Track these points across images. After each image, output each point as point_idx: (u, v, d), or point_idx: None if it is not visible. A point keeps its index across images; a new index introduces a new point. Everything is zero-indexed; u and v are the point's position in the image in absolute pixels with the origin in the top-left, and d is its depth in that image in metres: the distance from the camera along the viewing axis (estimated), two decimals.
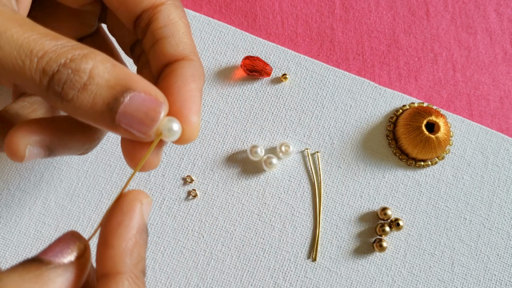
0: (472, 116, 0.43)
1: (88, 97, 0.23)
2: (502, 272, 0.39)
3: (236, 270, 0.39)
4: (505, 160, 0.42)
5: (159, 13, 0.28)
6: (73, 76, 0.22)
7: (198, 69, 0.28)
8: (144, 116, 0.23)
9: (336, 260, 0.39)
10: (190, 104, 0.26)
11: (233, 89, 0.43)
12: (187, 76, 0.27)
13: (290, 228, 0.40)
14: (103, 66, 0.23)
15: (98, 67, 0.23)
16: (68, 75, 0.22)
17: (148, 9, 0.28)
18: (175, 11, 0.28)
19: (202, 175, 0.41)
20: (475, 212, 0.40)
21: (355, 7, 0.46)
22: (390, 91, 0.43)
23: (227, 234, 0.39)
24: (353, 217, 0.40)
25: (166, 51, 0.28)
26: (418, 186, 0.41)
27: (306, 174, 0.41)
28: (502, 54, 0.45)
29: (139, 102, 0.23)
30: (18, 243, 0.38)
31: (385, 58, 0.45)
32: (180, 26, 0.28)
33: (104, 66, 0.23)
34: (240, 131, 0.42)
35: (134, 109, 0.23)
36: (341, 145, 0.42)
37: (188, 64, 0.28)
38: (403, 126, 0.41)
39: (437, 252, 0.40)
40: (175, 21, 0.28)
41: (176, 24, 0.28)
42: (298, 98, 0.43)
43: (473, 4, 0.47)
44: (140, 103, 0.23)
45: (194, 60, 0.28)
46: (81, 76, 0.22)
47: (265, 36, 0.45)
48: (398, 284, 0.39)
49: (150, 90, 0.24)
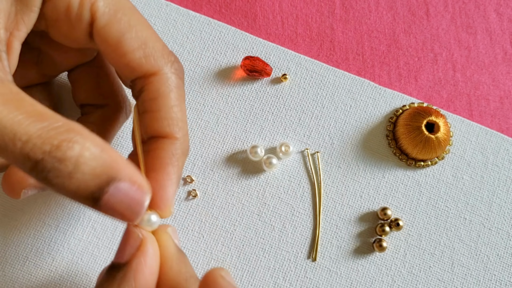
0: (472, 116, 0.43)
1: (73, 184, 0.22)
2: (502, 272, 0.39)
3: (236, 270, 0.39)
4: (505, 160, 0.42)
5: (150, 84, 0.28)
6: (58, 165, 0.22)
7: (181, 147, 0.28)
8: (127, 208, 0.23)
9: (336, 260, 0.39)
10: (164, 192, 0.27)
11: (233, 89, 0.43)
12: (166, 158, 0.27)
13: (290, 228, 0.40)
14: (89, 152, 0.22)
15: (85, 154, 0.22)
16: (53, 164, 0.21)
17: (140, 78, 0.28)
18: (166, 81, 0.28)
19: (202, 175, 0.41)
20: (475, 212, 0.40)
21: (355, 7, 0.46)
22: (390, 91, 0.43)
23: (227, 234, 0.39)
24: (353, 217, 0.40)
25: (151, 125, 0.28)
26: (418, 186, 0.41)
27: (306, 174, 0.41)
28: (502, 54, 0.45)
29: (123, 193, 0.23)
30: (18, 243, 0.39)
31: (385, 58, 0.45)
32: (169, 99, 0.28)
33: (91, 153, 0.22)
34: (240, 131, 0.42)
35: (118, 200, 0.23)
36: (341, 145, 0.42)
37: (170, 144, 0.28)
38: (403, 126, 0.41)
39: (437, 252, 0.40)
40: (165, 94, 0.28)
41: (165, 97, 0.28)
42: (298, 98, 0.43)
43: (473, 4, 0.47)
44: (124, 194, 0.23)
45: (178, 138, 0.28)
46: (66, 165, 0.22)
47: (265, 36, 0.45)
48: (398, 284, 0.39)
49: (135, 179, 0.23)
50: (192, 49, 0.43)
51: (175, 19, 0.44)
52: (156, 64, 0.28)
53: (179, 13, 0.44)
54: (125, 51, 0.27)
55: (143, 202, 0.24)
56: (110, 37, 0.27)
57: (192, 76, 0.43)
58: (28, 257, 0.38)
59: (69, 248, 0.39)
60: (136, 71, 0.28)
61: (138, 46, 0.28)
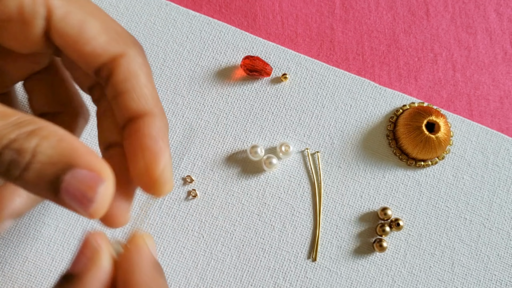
0: (472, 116, 0.43)
1: (32, 174, 0.22)
2: (502, 272, 0.39)
3: (236, 270, 0.39)
4: (505, 160, 0.42)
5: (118, 67, 0.27)
6: (17, 156, 0.22)
7: (162, 122, 0.28)
8: (82, 195, 0.23)
9: (336, 260, 0.39)
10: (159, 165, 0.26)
11: (233, 89, 0.43)
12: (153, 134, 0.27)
13: (290, 228, 0.40)
14: (47, 142, 0.22)
15: (43, 144, 0.22)
16: (12, 156, 0.22)
17: (106, 62, 0.27)
18: (134, 61, 0.28)
19: (202, 175, 0.41)
20: (475, 212, 0.40)
21: (355, 7, 0.46)
22: (390, 91, 0.43)
23: (227, 234, 0.39)
24: (353, 217, 0.40)
25: (128, 106, 0.27)
26: (418, 186, 0.41)
27: (306, 174, 0.41)
28: (502, 54, 0.45)
29: (79, 180, 0.23)
30: (18, 243, 0.38)
31: (385, 58, 0.45)
32: (141, 77, 0.28)
33: (49, 142, 0.22)
34: (240, 131, 0.42)
35: (75, 187, 0.23)
36: (341, 145, 0.42)
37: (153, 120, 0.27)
38: (403, 126, 0.41)
39: (437, 252, 0.40)
40: (135, 73, 0.27)
41: (136, 76, 0.27)
42: (298, 98, 0.43)
43: (473, 4, 0.47)
44: (80, 181, 0.23)
45: (157, 113, 0.28)
46: (24, 156, 0.22)
47: (265, 36, 0.45)
48: (398, 284, 0.39)
49: (94, 165, 0.23)
50: (192, 49, 0.43)
51: (175, 18, 0.44)
52: (121, 46, 0.28)
53: (179, 12, 0.44)
54: (88, 38, 0.27)
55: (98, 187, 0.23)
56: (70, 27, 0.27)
57: (192, 76, 0.43)
58: (28, 257, 0.38)
59: (68, 248, 0.39)
60: (102, 57, 0.27)
61: (100, 31, 0.27)
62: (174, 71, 0.43)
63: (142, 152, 0.26)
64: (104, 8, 0.44)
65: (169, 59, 0.43)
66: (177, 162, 0.41)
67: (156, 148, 0.26)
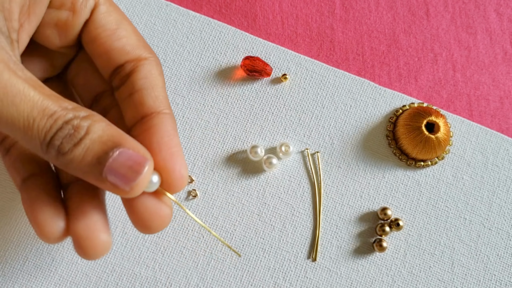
0: (472, 116, 0.43)
1: (82, 150, 0.25)
2: (502, 272, 0.39)
3: (236, 270, 0.39)
4: (505, 160, 0.42)
5: (141, 66, 0.30)
6: (73, 131, 0.25)
7: (175, 124, 0.30)
8: (128, 169, 0.25)
9: (336, 260, 0.39)
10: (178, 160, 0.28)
11: (233, 89, 0.43)
12: (170, 131, 0.29)
13: (290, 228, 0.40)
14: (98, 124, 0.26)
15: (95, 125, 0.26)
16: (69, 131, 0.25)
17: (131, 60, 0.30)
18: (156, 67, 0.31)
19: (202, 175, 0.41)
20: (475, 212, 0.40)
21: (355, 7, 0.46)
22: (390, 91, 0.43)
23: (227, 234, 0.39)
24: (353, 217, 0.40)
25: (145, 102, 0.30)
26: (418, 186, 0.41)
27: (306, 174, 0.41)
28: (502, 54, 0.45)
29: (126, 157, 0.26)
30: (18, 243, 0.39)
31: (385, 58, 0.45)
32: (159, 81, 0.31)
33: (100, 125, 0.26)
34: (240, 131, 0.42)
35: (121, 163, 0.25)
36: (341, 145, 0.42)
37: (168, 118, 0.30)
38: (403, 126, 0.41)
39: (437, 252, 0.40)
40: (156, 75, 0.30)
41: (156, 79, 0.30)
42: (298, 98, 0.43)
43: (473, 4, 0.47)
44: (127, 158, 0.26)
45: (170, 113, 0.30)
46: (79, 132, 0.25)
47: (265, 36, 0.45)
48: (398, 284, 0.39)
49: (139, 148, 0.26)
50: (192, 49, 0.43)
51: (175, 19, 0.44)
52: (146, 51, 0.31)
53: (179, 13, 0.44)
54: (122, 35, 0.30)
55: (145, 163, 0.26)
56: (109, 22, 0.30)
57: (192, 76, 0.43)
58: (28, 257, 0.38)
59: (69, 248, 0.39)
60: (129, 54, 0.30)
61: (132, 34, 0.31)
62: (174, 72, 0.43)
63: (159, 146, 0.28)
64: None
65: (169, 60, 0.43)
66: None
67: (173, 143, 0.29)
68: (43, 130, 0.25)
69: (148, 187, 0.27)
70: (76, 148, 0.25)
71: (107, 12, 0.31)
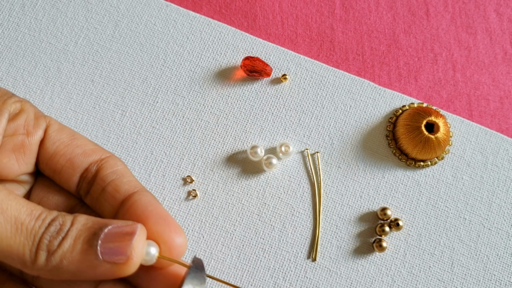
0: (472, 116, 0.43)
1: (70, 240, 0.26)
2: (502, 272, 0.39)
3: (236, 270, 0.39)
4: (504, 161, 0.42)
5: (106, 162, 0.32)
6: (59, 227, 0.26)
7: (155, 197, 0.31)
8: (122, 239, 0.26)
9: (336, 260, 0.39)
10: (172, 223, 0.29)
11: (233, 90, 0.43)
12: (152, 201, 0.30)
13: (290, 228, 0.40)
14: (81, 216, 0.27)
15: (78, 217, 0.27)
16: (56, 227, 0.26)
17: (95, 162, 0.32)
18: (119, 161, 0.32)
19: (202, 175, 0.41)
20: (474, 212, 0.41)
21: (355, 7, 0.46)
22: (390, 91, 0.43)
23: (227, 234, 0.40)
24: (353, 217, 0.40)
25: (120, 189, 0.31)
26: (417, 186, 0.41)
27: (306, 174, 0.41)
28: (502, 54, 0.45)
29: (116, 231, 0.26)
30: None
31: (385, 58, 0.45)
32: (127, 170, 0.32)
33: (82, 216, 0.27)
34: (240, 131, 0.42)
35: (112, 237, 0.26)
36: (341, 145, 0.42)
37: (147, 192, 0.31)
38: (402, 127, 0.41)
39: (436, 252, 0.40)
40: (122, 166, 0.32)
41: (123, 169, 0.32)
42: (298, 98, 0.43)
43: (473, 4, 0.47)
44: (117, 231, 0.26)
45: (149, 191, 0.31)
46: (65, 225, 0.26)
47: (265, 36, 0.45)
48: (398, 284, 0.39)
49: (126, 221, 0.27)
50: (192, 50, 0.43)
51: (175, 19, 0.44)
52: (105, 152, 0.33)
53: (179, 13, 0.44)
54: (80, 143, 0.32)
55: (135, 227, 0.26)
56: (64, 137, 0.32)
57: (192, 77, 0.43)
58: None
59: None
60: (92, 156, 0.32)
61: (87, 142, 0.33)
62: (175, 72, 0.43)
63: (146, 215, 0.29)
64: (105, 9, 0.44)
65: (169, 60, 0.43)
66: (177, 162, 0.41)
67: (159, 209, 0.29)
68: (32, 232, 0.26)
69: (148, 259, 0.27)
70: (64, 240, 0.26)
71: (59, 129, 0.32)
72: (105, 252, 0.26)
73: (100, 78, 0.43)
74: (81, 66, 0.43)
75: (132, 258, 0.26)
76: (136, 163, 0.41)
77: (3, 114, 0.30)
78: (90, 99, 0.42)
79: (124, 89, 0.42)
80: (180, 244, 0.28)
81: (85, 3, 0.45)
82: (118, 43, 0.43)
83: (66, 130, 0.33)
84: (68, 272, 0.26)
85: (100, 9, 0.44)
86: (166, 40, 0.44)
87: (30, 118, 0.32)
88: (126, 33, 0.44)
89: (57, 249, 0.26)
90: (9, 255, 0.26)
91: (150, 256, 0.27)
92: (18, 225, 0.25)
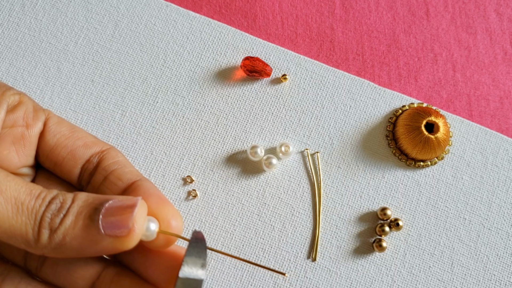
0: (471, 116, 0.43)
1: (72, 216, 0.26)
2: (502, 272, 0.39)
3: (236, 270, 0.39)
4: (504, 161, 0.42)
5: (107, 153, 0.32)
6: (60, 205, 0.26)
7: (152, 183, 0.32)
8: (123, 212, 0.26)
9: (336, 260, 0.39)
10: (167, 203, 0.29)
11: (233, 90, 0.43)
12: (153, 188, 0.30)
13: (290, 228, 0.40)
14: (82, 193, 0.27)
15: (78, 195, 0.27)
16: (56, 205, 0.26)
17: (96, 154, 0.32)
18: (120, 153, 0.33)
19: (202, 175, 0.41)
20: (474, 212, 0.41)
21: (355, 7, 0.46)
22: (390, 91, 0.43)
23: (227, 234, 0.40)
24: (353, 217, 0.40)
25: (122, 177, 0.31)
26: (417, 186, 0.41)
27: (306, 174, 0.41)
28: (502, 54, 0.45)
29: (117, 205, 0.26)
30: None
31: (385, 58, 0.45)
32: (128, 162, 0.33)
33: (83, 193, 0.27)
34: (240, 131, 0.42)
35: (114, 210, 0.26)
36: (341, 145, 0.42)
37: (148, 181, 0.31)
38: (402, 127, 0.41)
39: (436, 252, 0.40)
40: (123, 158, 0.33)
41: (124, 160, 0.33)
42: (297, 98, 0.43)
43: (473, 4, 0.47)
44: (119, 205, 0.26)
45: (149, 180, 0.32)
46: (66, 202, 0.27)
47: (265, 36, 0.45)
48: (398, 284, 0.39)
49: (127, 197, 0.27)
50: (192, 50, 0.43)
51: (175, 19, 0.44)
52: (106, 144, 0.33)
53: (179, 13, 0.44)
54: (80, 136, 0.33)
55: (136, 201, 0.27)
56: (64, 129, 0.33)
57: (192, 77, 0.43)
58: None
59: None
60: (92, 148, 0.32)
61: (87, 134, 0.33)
62: (175, 72, 0.43)
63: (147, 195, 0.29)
64: (105, 9, 0.44)
65: (169, 60, 0.43)
66: (177, 162, 0.41)
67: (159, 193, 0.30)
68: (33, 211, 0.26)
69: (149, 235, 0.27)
70: (66, 217, 0.26)
71: (59, 122, 0.33)
72: (107, 226, 0.26)
73: (100, 78, 0.43)
74: (81, 66, 0.43)
75: (134, 230, 0.26)
76: (136, 163, 0.41)
77: (2, 105, 0.30)
78: (90, 99, 0.42)
79: (124, 89, 0.42)
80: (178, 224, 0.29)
81: (85, 3, 0.45)
82: (118, 43, 0.43)
83: (65, 123, 0.33)
84: (72, 248, 0.26)
85: (100, 9, 0.44)
86: (166, 40, 0.44)
87: (29, 110, 0.32)
88: (126, 33, 0.44)
89: (59, 226, 0.26)
90: (12, 235, 0.26)
91: (151, 232, 0.27)
92: (18, 205, 0.25)
